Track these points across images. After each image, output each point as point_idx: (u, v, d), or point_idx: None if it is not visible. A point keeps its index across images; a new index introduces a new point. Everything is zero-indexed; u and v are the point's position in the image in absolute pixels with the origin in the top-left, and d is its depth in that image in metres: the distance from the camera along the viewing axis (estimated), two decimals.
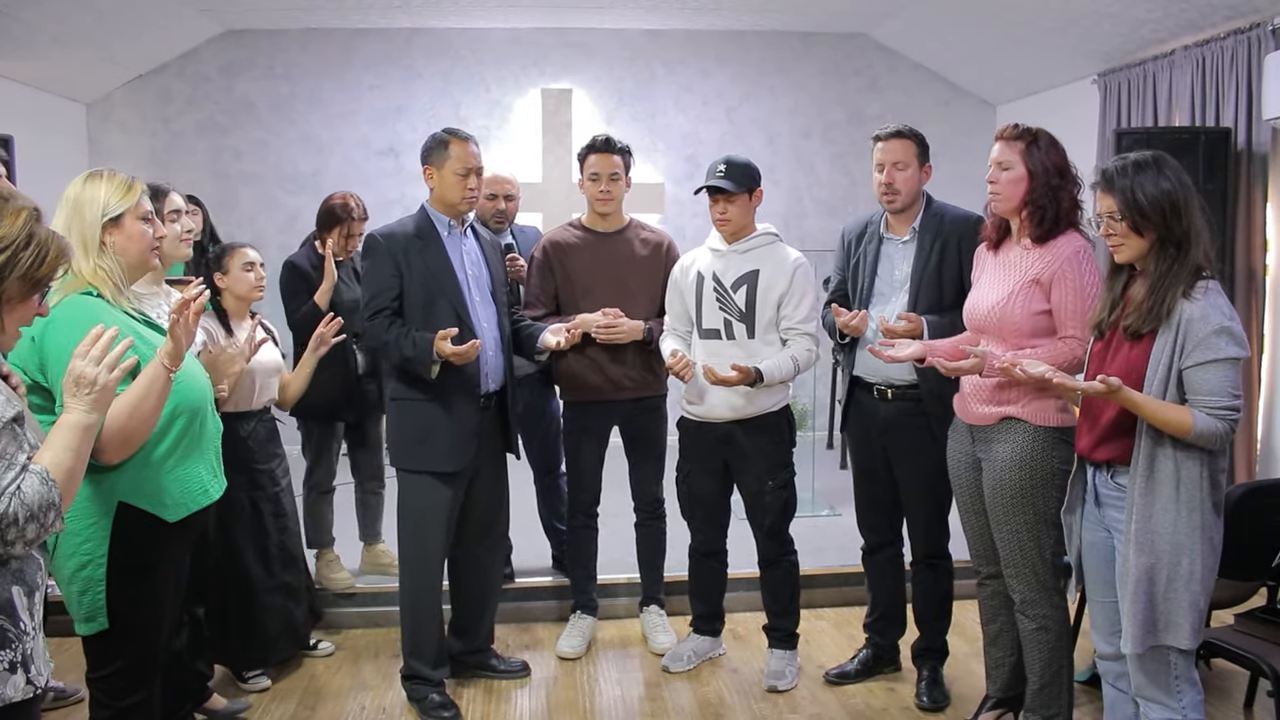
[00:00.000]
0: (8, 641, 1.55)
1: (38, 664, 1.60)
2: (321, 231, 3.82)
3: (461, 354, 2.90)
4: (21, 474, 1.51)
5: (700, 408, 3.26)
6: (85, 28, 5.28)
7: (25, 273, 1.55)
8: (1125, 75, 5.23)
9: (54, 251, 1.59)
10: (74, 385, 1.64)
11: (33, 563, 1.63)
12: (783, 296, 3.16)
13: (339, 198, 3.83)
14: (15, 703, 1.55)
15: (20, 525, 1.49)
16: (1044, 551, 2.63)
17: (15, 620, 1.56)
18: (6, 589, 1.56)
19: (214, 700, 3.06)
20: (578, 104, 6.56)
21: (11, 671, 1.54)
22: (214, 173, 6.51)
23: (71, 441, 1.61)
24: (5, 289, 1.54)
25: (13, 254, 1.54)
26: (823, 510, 4.92)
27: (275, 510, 3.29)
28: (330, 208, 3.81)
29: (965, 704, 3.16)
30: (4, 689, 1.53)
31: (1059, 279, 2.55)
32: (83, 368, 1.65)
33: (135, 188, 2.24)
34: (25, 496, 1.50)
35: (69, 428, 1.63)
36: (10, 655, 1.55)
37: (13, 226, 1.55)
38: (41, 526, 1.53)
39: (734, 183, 3.13)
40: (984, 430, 2.69)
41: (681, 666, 3.49)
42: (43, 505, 1.52)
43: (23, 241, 1.55)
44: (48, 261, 1.58)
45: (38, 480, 1.53)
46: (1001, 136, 2.65)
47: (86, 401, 1.64)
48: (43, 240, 1.58)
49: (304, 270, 3.75)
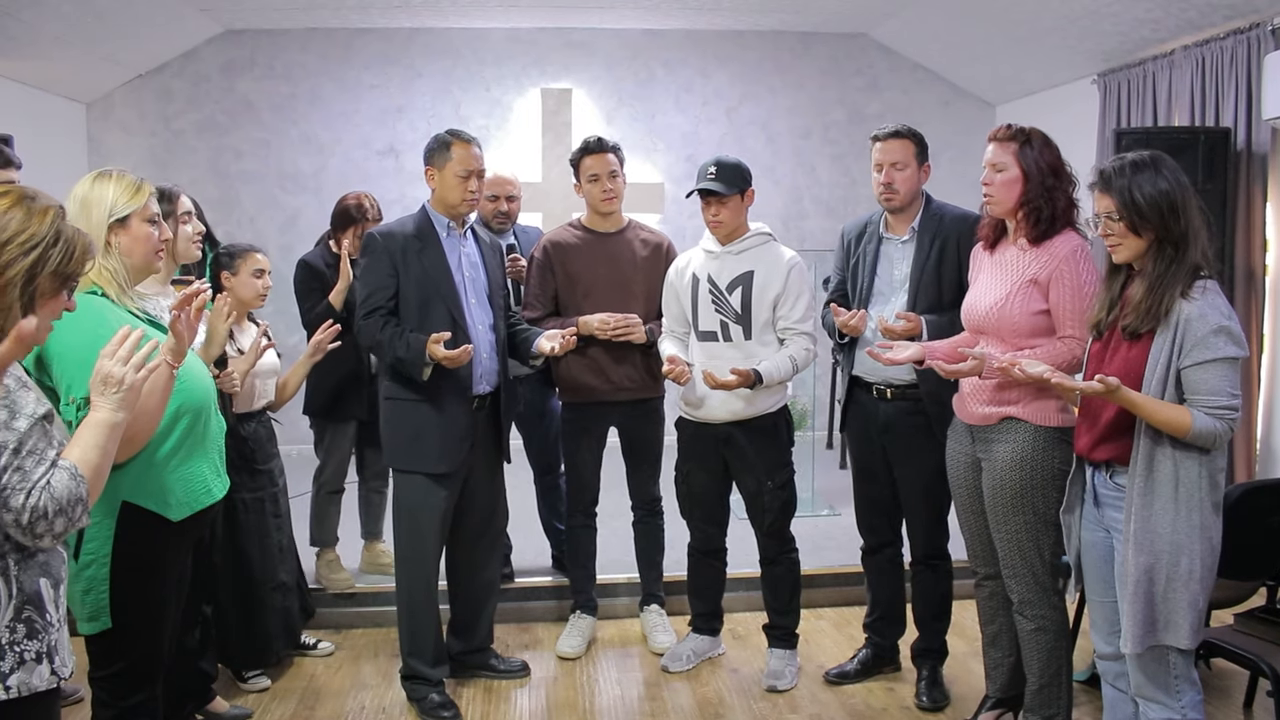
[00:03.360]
0: (35, 632, 1.59)
1: (62, 655, 1.65)
2: (336, 231, 3.83)
3: (453, 358, 2.90)
4: (51, 469, 1.55)
5: (699, 411, 3.25)
6: (85, 28, 5.28)
7: (56, 269, 1.60)
8: (1125, 75, 5.24)
9: (80, 248, 1.64)
10: (101, 384, 1.68)
11: (58, 556, 1.68)
12: (778, 297, 3.16)
13: (354, 198, 3.84)
14: (40, 692, 1.59)
15: (50, 519, 1.53)
16: (1043, 552, 2.64)
17: (43, 612, 1.61)
18: (35, 581, 1.61)
19: (216, 703, 3.06)
20: (578, 104, 6.56)
21: (38, 661, 1.59)
22: (214, 172, 6.52)
23: (99, 439, 1.65)
24: (38, 285, 1.58)
25: (43, 251, 1.58)
26: (823, 510, 4.92)
27: (275, 510, 3.31)
28: (345, 208, 3.82)
29: (965, 704, 3.16)
30: (31, 679, 1.58)
31: (1057, 279, 2.55)
32: (110, 367, 1.68)
33: (144, 189, 2.24)
34: (55, 491, 1.54)
35: (96, 425, 1.66)
36: (38, 645, 1.59)
37: (41, 224, 1.59)
38: (69, 520, 1.56)
39: (725, 184, 3.12)
40: (983, 430, 2.70)
41: (680, 666, 3.49)
42: (71, 500, 1.56)
43: (52, 239, 1.59)
44: (75, 257, 1.63)
45: (67, 475, 1.56)
46: (994, 138, 2.65)
47: (114, 400, 1.67)
48: (70, 237, 1.62)
49: (318, 269, 3.77)
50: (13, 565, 1.57)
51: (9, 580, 1.56)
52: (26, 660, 1.57)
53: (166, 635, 2.31)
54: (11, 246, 1.55)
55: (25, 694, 1.56)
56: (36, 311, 1.60)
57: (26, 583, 1.59)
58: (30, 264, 1.56)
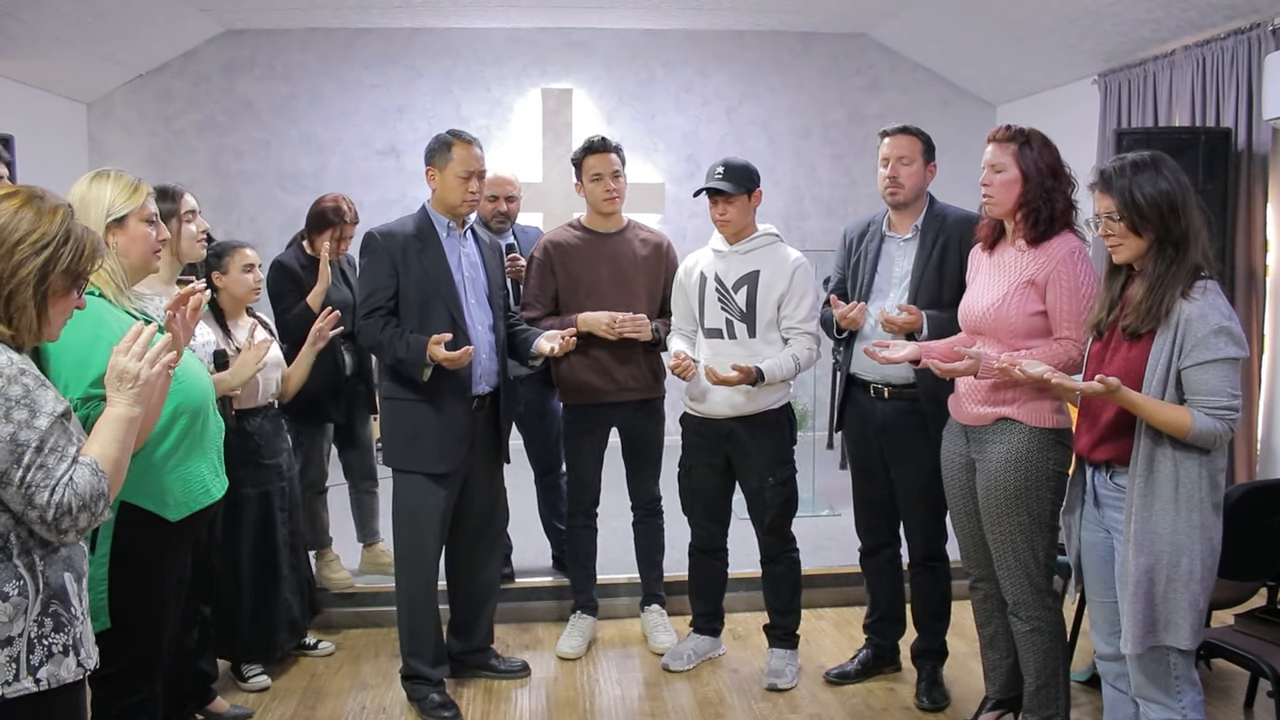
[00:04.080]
0: (61, 625, 1.63)
1: (87, 647, 1.69)
2: (311, 233, 3.75)
3: (454, 359, 2.90)
4: (73, 465, 1.58)
5: (702, 405, 3.27)
6: (85, 27, 5.29)
7: (68, 267, 1.63)
8: (1125, 75, 5.24)
9: (90, 246, 1.67)
10: (117, 380, 1.70)
11: (79, 550, 1.71)
12: (783, 296, 3.17)
13: (330, 200, 3.76)
14: (67, 684, 1.63)
15: (74, 514, 1.56)
16: (1037, 554, 2.63)
17: (68, 605, 1.65)
18: (59, 576, 1.64)
19: (217, 703, 3.06)
20: (578, 104, 6.57)
21: (65, 654, 1.63)
22: (214, 172, 6.52)
23: (117, 434, 1.67)
24: (50, 284, 1.61)
25: (54, 250, 1.61)
26: (823, 510, 4.92)
27: (281, 504, 3.30)
28: (321, 210, 3.73)
29: (965, 704, 3.16)
30: (59, 670, 1.61)
31: (1054, 280, 2.55)
32: (125, 363, 1.70)
33: (141, 190, 2.24)
34: (78, 486, 1.56)
35: (114, 421, 1.68)
36: (64, 639, 1.63)
37: (52, 224, 1.62)
38: (92, 515, 1.59)
39: (732, 184, 3.14)
40: (978, 431, 2.69)
41: (681, 666, 3.49)
42: (93, 495, 1.58)
43: (62, 237, 1.62)
44: (85, 255, 1.65)
45: (88, 471, 1.59)
46: (994, 138, 2.65)
47: (129, 395, 1.70)
48: (80, 236, 1.65)
49: (292, 270, 3.69)
50: (38, 561, 1.61)
51: (35, 576, 1.60)
52: (54, 653, 1.61)
53: (166, 635, 2.31)
54: (24, 246, 1.58)
55: (54, 685, 1.60)
56: (49, 310, 1.63)
57: (52, 577, 1.63)
58: (42, 263, 1.59)
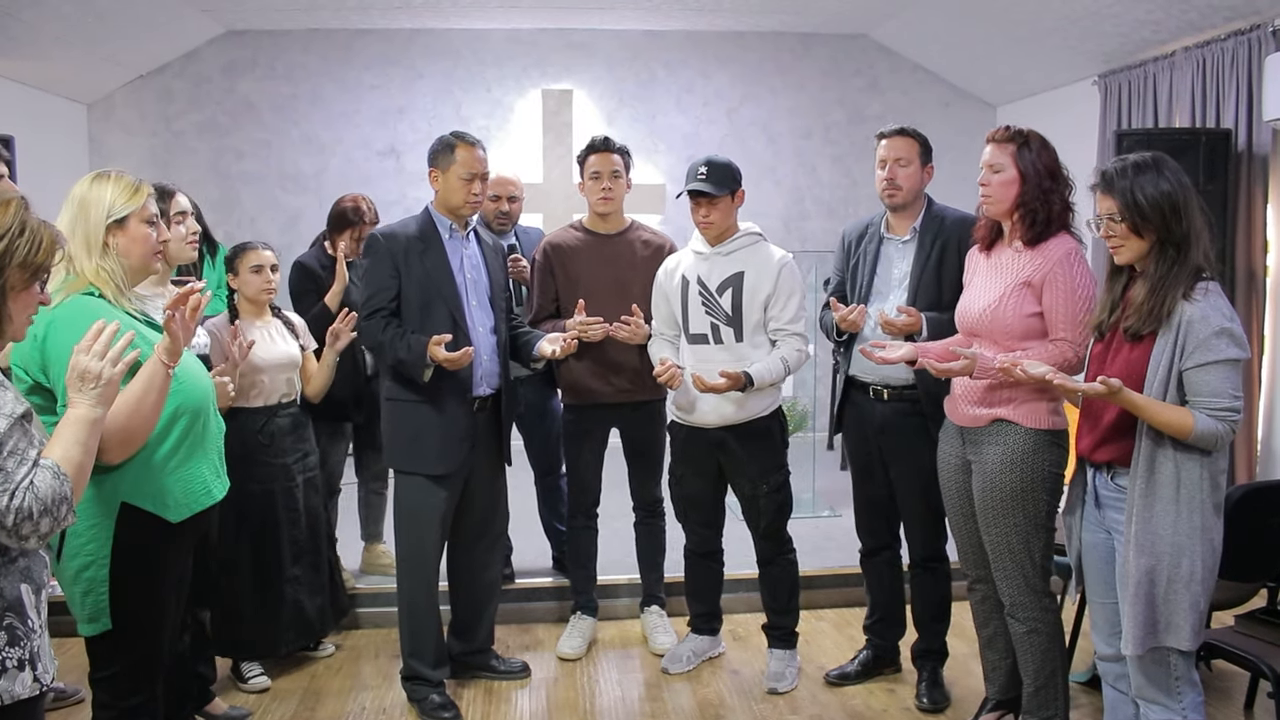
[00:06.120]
0: (17, 639, 1.58)
1: (44, 661, 1.63)
2: (332, 233, 3.83)
3: (454, 360, 2.90)
4: (34, 469, 1.54)
5: (690, 415, 3.22)
6: (86, 28, 5.29)
7: (24, 260, 1.59)
8: (1126, 76, 5.24)
9: (47, 239, 1.64)
10: (78, 380, 1.67)
11: (39, 561, 1.66)
12: (769, 297, 3.13)
13: (350, 200, 3.84)
14: (22, 699, 1.58)
15: (35, 519, 1.52)
16: (1033, 555, 2.63)
17: (24, 618, 1.60)
18: (15, 587, 1.59)
19: (215, 704, 3.06)
20: (578, 105, 6.56)
21: (20, 669, 1.58)
22: (215, 173, 6.52)
23: (79, 435, 1.64)
24: (7, 278, 1.58)
25: (9, 242, 1.58)
26: (823, 511, 4.92)
27: (289, 504, 3.29)
28: (342, 210, 3.82)
29: (965, 705, 3.16)
30: (13, 686, 1.56)
31: (1050, 281, 2.55)
32: (86, 362, 1.67)
33: (142, 190, 2.24)
34: (39, 490, 1.53)
35: (76, 422, 1.65)
36: (19, 653, 1.58)
37: (5, 216, 1.59)
38: (55, 520, 1.55)
39: (715, 185, 3.10)
40: (974, 432, 2.69)
41: (680, 668, 3.49)
42: (55, 499, 1.55)
43: (17, 229, 1.59)
44: (43, 248, 1.62)
45: (50, 474, 1.55)
46: (992, 139, 2.65)
47: (91, 396, 1.67)
48: (35, 228, 1.62)
49: (313, 271, 3.77)
50: None
51: None
52: (9, 668, 1.56)
53: (166, 636, 2.31)
54: None
55: (8, 702, 1.55)
56: (8, 305, 1.59)
57: (7, 589, 1.58)
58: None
